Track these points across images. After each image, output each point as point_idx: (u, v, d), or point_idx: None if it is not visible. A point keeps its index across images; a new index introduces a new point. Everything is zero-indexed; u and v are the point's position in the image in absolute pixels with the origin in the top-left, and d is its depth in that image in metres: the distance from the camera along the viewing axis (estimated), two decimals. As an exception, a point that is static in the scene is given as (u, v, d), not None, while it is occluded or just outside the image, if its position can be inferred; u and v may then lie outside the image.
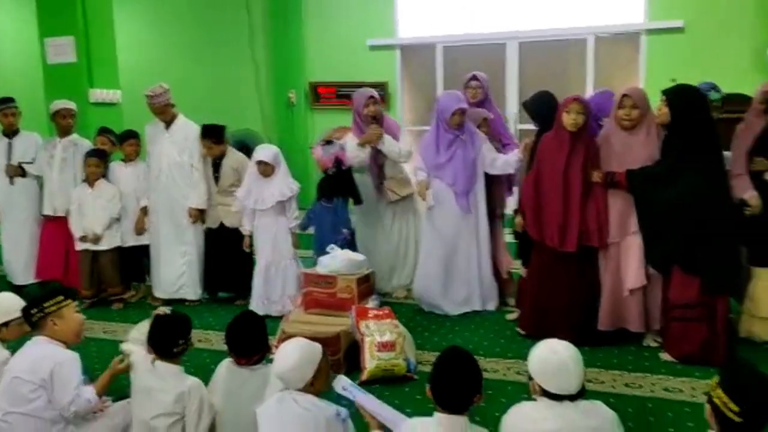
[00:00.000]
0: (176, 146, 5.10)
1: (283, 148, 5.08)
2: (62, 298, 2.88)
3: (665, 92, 3.82)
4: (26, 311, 2.87)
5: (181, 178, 5.11)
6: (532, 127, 4.69)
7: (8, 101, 5.37)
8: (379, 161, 5.06)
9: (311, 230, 5.23)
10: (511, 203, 5.07)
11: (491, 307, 4.79)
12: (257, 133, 8.22)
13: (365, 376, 3.59)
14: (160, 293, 5.25)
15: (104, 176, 5.20)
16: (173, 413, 2.62)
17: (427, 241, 4.81)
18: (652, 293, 3.95)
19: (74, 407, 2.70)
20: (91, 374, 3.11)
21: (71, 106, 5.39)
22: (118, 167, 5.34)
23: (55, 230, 5.36)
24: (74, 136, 5.40)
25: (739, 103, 4.81)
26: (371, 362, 3.62)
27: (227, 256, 5.07)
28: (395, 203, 5.11)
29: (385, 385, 3.54)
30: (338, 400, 2.59)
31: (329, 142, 5.29)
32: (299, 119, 8.83)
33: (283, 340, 3.34)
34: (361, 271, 4.30)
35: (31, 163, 5.40)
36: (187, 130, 5.14)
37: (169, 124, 5.13)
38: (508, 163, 4.61)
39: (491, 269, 4.78)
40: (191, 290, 5.21)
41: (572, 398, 2.18)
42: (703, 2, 7.21)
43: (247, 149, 5.52)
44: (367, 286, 4.30)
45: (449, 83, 8.02)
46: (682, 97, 3.77)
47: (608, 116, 4.10)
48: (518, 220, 4.29)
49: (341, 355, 3.73)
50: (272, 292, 4.82)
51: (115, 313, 5.11)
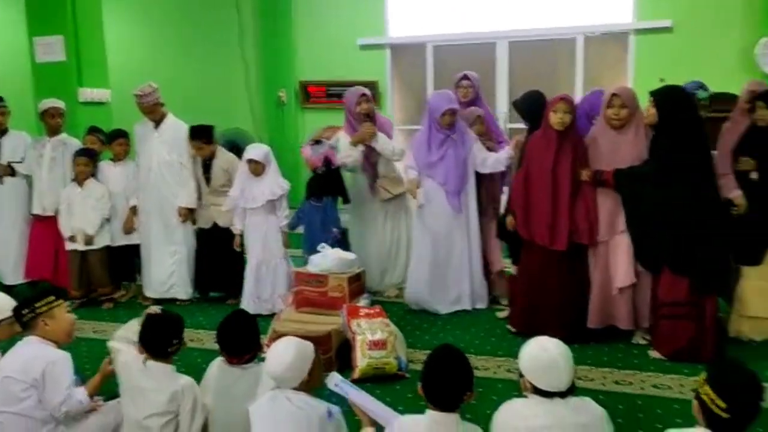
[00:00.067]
0: (165, 145, 5.09)
1: (273, 147, 5.08)
2: (53, 298, 2.87)
3: (653, 93, 3.85)
4: (17, 311, 2.86)
5: (170, 176, 5.11)
6: (522, 126, 4.71)
7: (-3, 100, 5.33)
8: (372, 159, 5.06)
9: (300, 229, 5.24)
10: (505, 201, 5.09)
11: (481, 306, 4.80)
12: (247, 132, 8.19)
13: (357, 374, 3.60)
14: (150, 293, 5.24)
15: (93, 176, 5.19)
16: (166, 413, 2.61)
17: (418, 242, 4.82)
18: (641, 291, 3.98)
19: (65, 407, 2.70)
20: (81, 374, 3.10)
21: (60, 105, 5.36)
22: (107, 166, 5.33)
23: (44, 230, 5.34)
24: (63, 135, 5.37)
25: (726, 102, 4.85)
26: (362, 361, 3.64)
27: (219, 255, 5.07)
28: (388, 202, 5.11)
29: (376, 383, 3.55)
30: (330, 397, 2.60)
31: (318, 141, 5.31)
32: (289, 118, 8.81)
33: (274, 339, 3.34)
34: (352, 269, 4.32)
35: (20, 162, 5.36)
36: (176, 129, 5.13)
37: (158, 123, 5.12)
38: (498, 161, 4.63)
39: (482, 268, 4.81)
40: (182, 290, 5.21)
41: (562, 395, 2.19)
42: (691, 2, 7.26)
43: (237, 148, 5.51)
44: (358, 284, 4.32)
45: (439, 82, 8.03)
46: (668, 97, 3.81)
47: (601, 115, 4.13)
48: (509, 219, 4.31)
49: (332, 353, 3.74)
50: (263, 291, 4.83)
51: (105, 312, 5.10)
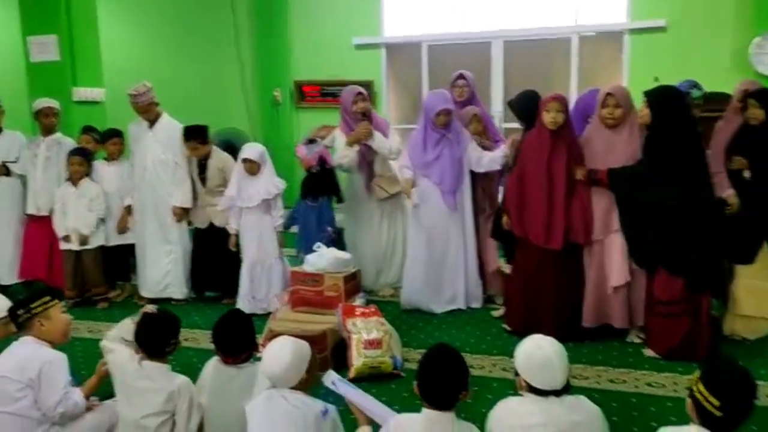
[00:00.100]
0: (160, 145, 5.08)
1: (268, 146, 5.08)
2: (49, 298, 2.87)
3: (646, 93, 3.86)
4: (13, 312, 2.85)
5: (165, 176, 5.10)
6: (517, 125, 4.71)
7: (-9, 100, 5.32)
8: (368, 158, 5.06)
9: (294, 229, 5.24)
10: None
11: (476, 305, 4.81)
12: (243, 131, 8.18)
13: (352, 373, 3.60)
14: (146, 292, 5.22)
15: (88, 175, 5.18)
16: (163, 412, 2.61)
17: (413, 242, 4.81)
18: (635, 289, 3.99)
19: (62, 408, 2.69)
20: (76, 375, 3.09)
21: (54, 104, 5.35)
22: (101, 166, 5.32)
23: (38, 230, 5.32)
24: (58, 134, 5.36)
25: (720, 101, 4.85)
26: (358, 360, 3.64)
27: (215, 255, 5.06)
28: (384, 201, 5.11)
29: (372, 382, 3.55)
30: (327, 396, 2.60)
31: (312, 140, 5.31)
32: (284, 118, 8.80)
33: (270, 338, 3.33)
34: (347, 269, 4.33)
35: (14, 162, 5.34)
36: (170, 128, 5.12)
37: (152, 123, 5.11)
38: (493, 160, 4.63)
39: (477, 267, 4.81)
40: (177, 289, 5.20)
41: (557, 393, 2.20)
42: (685, 2, 7.27)
43: (232, 148, 5.51)
44: (353, 284, 4.33)
45: (434, 82, 8.03)
46: (661, 97, 3.82)
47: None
48: (505, 218, 4.32)
49: (328, 352, 3.74)
50: (258, 290, 4.83)
51: (100, 312, 5.09)
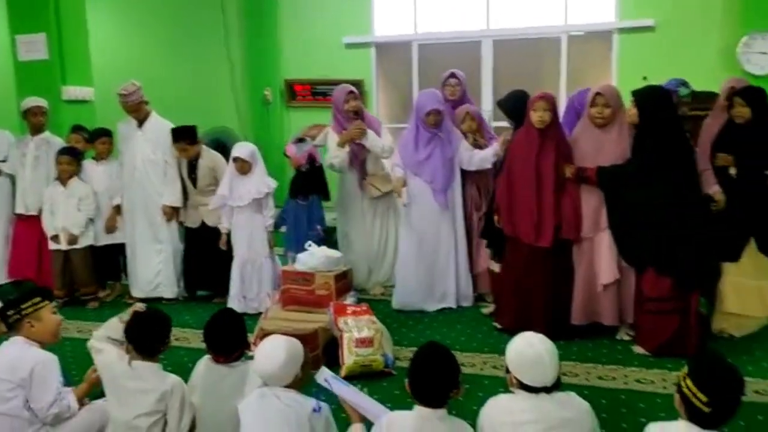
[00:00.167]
0: (150, 144, 5.07)
1: (259, 145, 5.07)
2: (39, 299, 2.85)
3: (633, 93, 3.90)
4: (2, 312, 2.83)
5: (155, 175, 5.09)
6: (506, 124, 4.73)
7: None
8: (360, 157, 5.07)
9: (283, 228, 5.24)
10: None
11: (466, 304, 4.83)
12: (233, 131, 8.16)
13: (344, 372, 3.61)
14: (137, 292, 5.20)
15: (77, 175, 5.15)
16: (155, 412, 2.60)
17: (404, 241, 4.82)
18: (624, 287, 4.01)
19: (56, 408, 2.68)
20: (67, 375, 3.08)
21: (43, 103, 5.32)
22: (90, 165, 5.29)
23: (27, 229, 5.29)
24: (46, 133, 5.33)
25: (708, 100, 4.89)
26: (349, 358, 3.65)
27: (207, 254, 5.05)
28: (377, 200, 5.12)
29: (363, 380, 3.54)
30: (319, 393, 2.61)
31: (302, 139, 5.31)
32: (275, 117, 8.77)
33: (261, 337, 3.34)
34: (338, 268, 4.34)
35: (3, 161, 5.31)
36: (160, 128, 5.10)
37: (141, 122, 5.10)
38: (485, 159, 4.64)
39: (468, 266, 4.83)
40: (168, 288, 5.19)
41: (548, 390, 2.22)
42: (673, 2, 7.31)
43: (223, 147, 5.51)
44: (344, 282, 4.34)
45: (424, 81, 8.03)
46: (648, 97, 3.85)
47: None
48: (497, 217, 4.33)
49: (319, 351, 3.75)
50: (248, 289, 4.83)
51: (90, 312, 5.06)
